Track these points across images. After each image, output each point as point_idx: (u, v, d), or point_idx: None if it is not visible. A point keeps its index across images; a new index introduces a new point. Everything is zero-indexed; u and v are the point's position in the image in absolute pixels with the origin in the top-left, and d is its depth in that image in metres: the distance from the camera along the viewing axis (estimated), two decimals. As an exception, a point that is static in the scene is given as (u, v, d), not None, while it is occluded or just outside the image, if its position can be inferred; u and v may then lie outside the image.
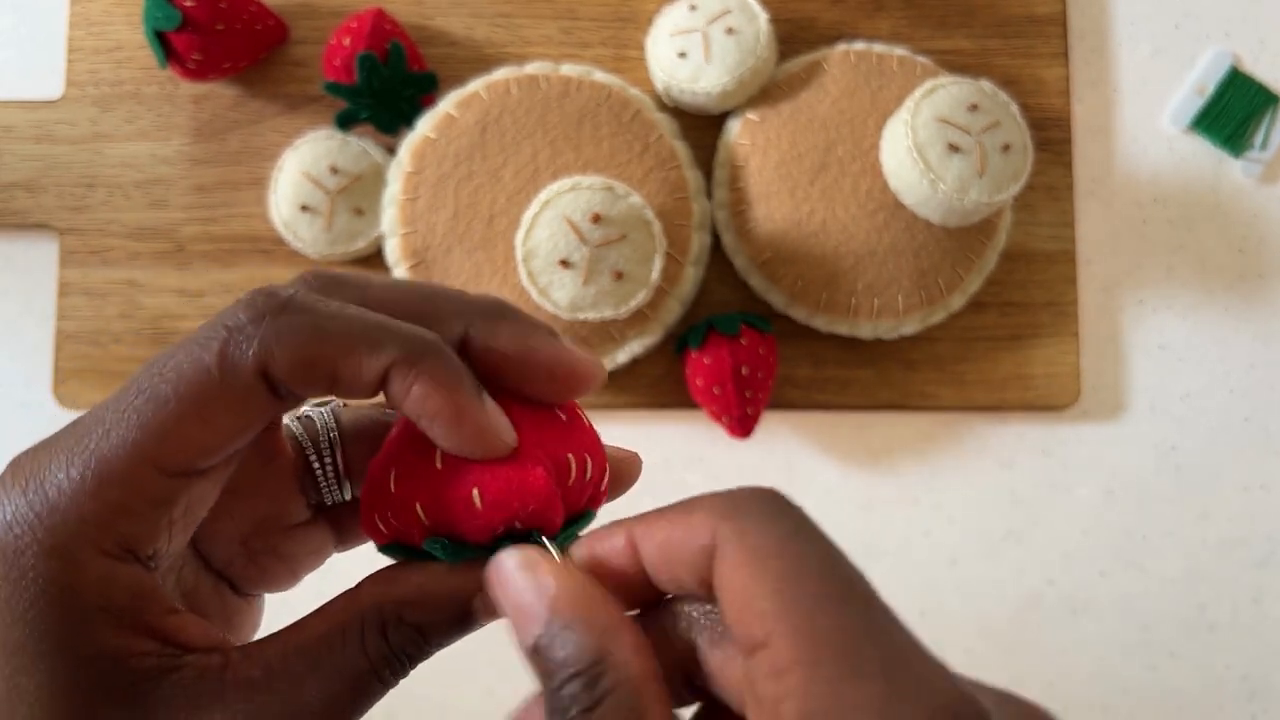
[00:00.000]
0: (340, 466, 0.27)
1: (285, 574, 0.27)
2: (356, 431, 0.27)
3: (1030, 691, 0.20)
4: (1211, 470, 0.56)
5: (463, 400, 0.22)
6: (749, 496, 0.21)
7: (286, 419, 0.27)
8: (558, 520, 0.23)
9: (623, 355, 0.52)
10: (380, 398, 0.22)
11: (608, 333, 0.51)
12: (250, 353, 0.21)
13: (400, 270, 0.52)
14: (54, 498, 0.21)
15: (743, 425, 0.52)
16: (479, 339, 0.23)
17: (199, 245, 0.55)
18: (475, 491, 0.22)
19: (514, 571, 0.21)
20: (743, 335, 0.51)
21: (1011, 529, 0.56)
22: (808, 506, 0.21)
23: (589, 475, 0.23)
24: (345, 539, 0.28)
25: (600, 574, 0.22)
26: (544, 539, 0.22)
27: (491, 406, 0.22)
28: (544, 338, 0.24)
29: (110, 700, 0.21)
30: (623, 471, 0.25)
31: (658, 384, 0.55)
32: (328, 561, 0.28)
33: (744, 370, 0.51)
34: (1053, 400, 0.56)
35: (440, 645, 0.23)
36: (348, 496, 0.27)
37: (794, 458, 0.56)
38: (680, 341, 0.53)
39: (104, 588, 0.21)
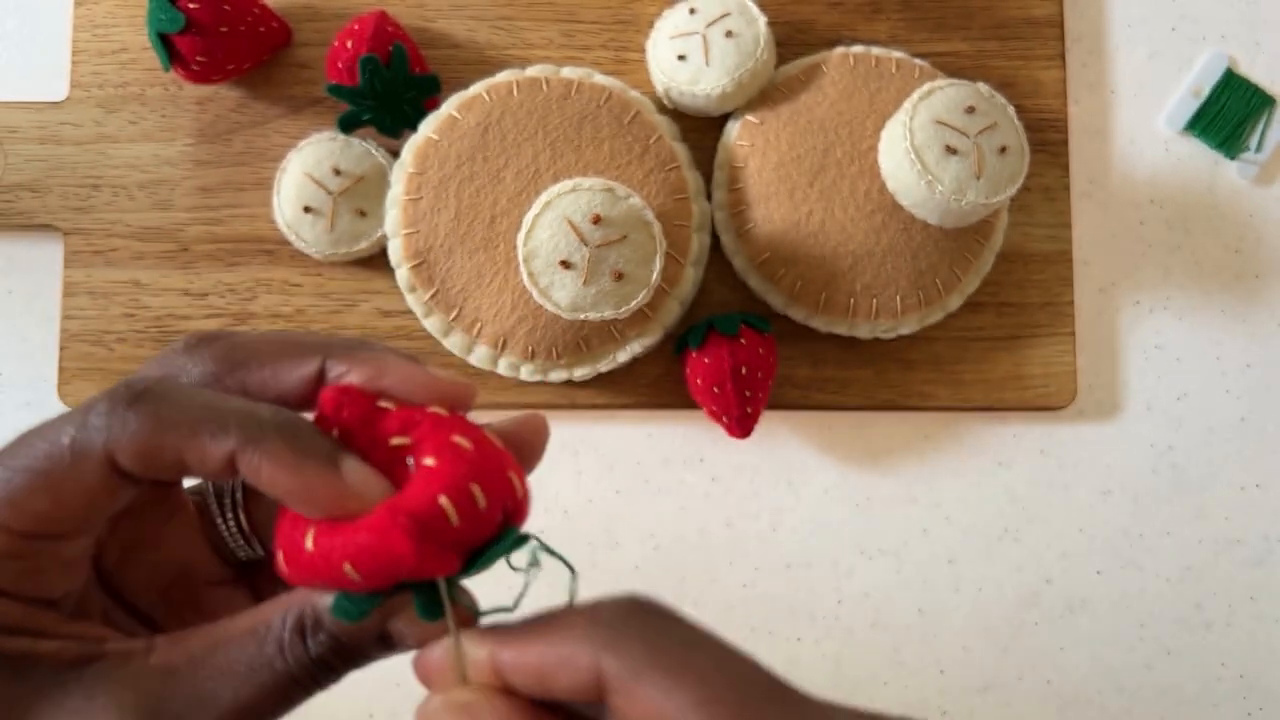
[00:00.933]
0: (244, 523, 0.27)
1: None
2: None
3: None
4: (1208, 470, 0.57)
5: (310, 475, 0.22)
6: (630, 610, 0.22)
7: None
8: (451, 565, 0.22)
9: (623, 355, 0.52)
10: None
11: (608, 333, 0.52)
12: (100, 443, 0.22)
13: (403, 270, 0.52)
14: None
15: (742, 425, 0.52)
16: (334, 367, 0.24)
17: (203, 246, 0.56)
18: (348, 567, 0.22)
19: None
20: (742, 335, 0.52)
21: (1009, 528, 0.56)
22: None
23: (482, 505, 0.22)
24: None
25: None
26: (444, 581, 0.22)
27: (350, 467, 0.22)
28: (400, 363, 0.24)
29: (37, 694, 0.22)
30: (527, 444, 0.25)
31: (658, 384, 0.55)
32: None
33: (743, 370, 0.51)
34: (1050, 400, 0.56)
35: (363, 660, 0.24)
36: (260, 553, 0.28)
37: (793, 458, 0.56)
38: (680, 341, 0.54)
39: None
